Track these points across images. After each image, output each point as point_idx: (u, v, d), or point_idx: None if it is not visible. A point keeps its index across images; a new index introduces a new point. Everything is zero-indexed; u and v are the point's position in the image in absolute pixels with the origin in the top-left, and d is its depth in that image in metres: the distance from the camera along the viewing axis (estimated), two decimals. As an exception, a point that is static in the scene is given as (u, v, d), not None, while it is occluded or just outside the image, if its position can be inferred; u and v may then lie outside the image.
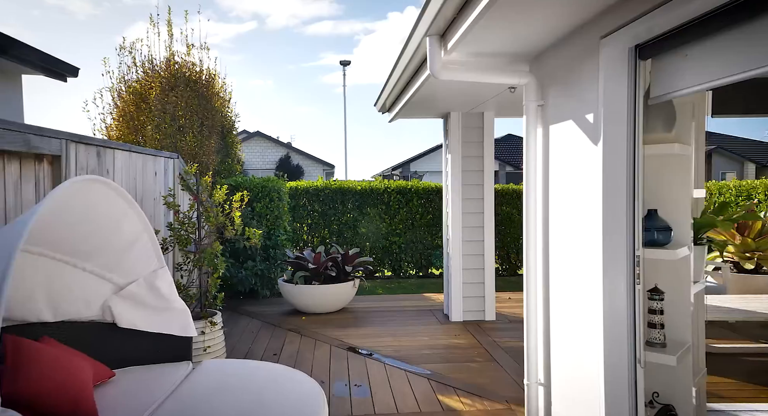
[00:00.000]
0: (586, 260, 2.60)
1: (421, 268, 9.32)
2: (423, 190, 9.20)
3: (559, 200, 2.89)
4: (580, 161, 2.63)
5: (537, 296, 3.15)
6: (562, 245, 2.88)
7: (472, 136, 5.62)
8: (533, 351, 3.18)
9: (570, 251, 2.78)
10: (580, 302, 2.69)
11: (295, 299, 5.93)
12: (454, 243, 5.64)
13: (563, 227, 2.85)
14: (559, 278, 2.92)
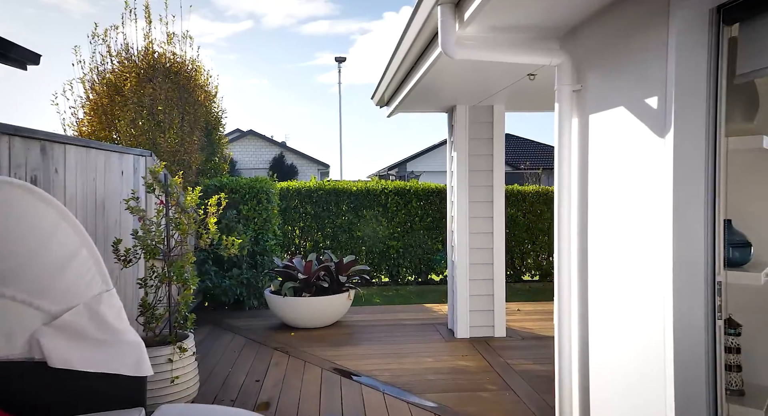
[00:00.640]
0: (645, 282, 2.04)
1: (421, 274, 8.76)
2: (422, 191, 8.64)
3: (603, 205, 2.33)
4: (637, 158, 2.07)
5: (571, 317, 2.60)
6: (606, 259, 2.32)
7: (481, 132, 5.06)
8: (566, 384, 2.62)
9: (618, 269, 2.22)
10: (634, 332, 2.13)
11: (283, 312, 5.35)
12: (459, 251, 5.07)
13: (608, 239, 2.29)
14: (603, 299, 2.35)
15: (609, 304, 2.30)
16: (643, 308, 2.05)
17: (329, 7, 72.06)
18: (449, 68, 3.50)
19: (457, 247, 5.10)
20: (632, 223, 2.11)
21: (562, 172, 2.57)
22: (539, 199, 8.77)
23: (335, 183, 8.65)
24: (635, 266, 2.10)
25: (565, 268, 2.61)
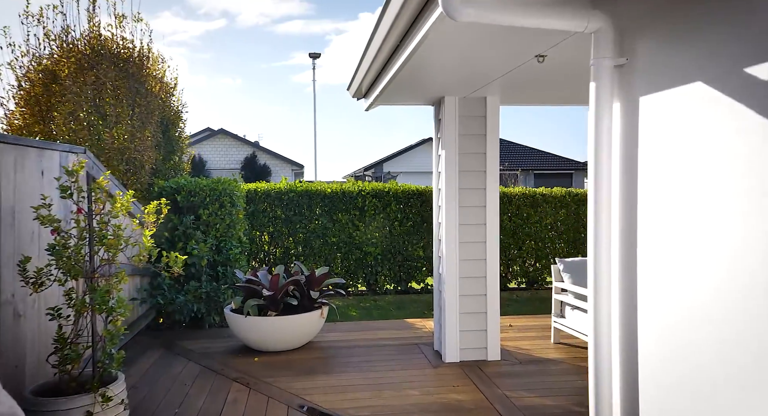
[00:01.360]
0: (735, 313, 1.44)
1: (400, 282, 8.13)
2: (402, 193, 8.01)
3: (664, 210, 1.72)
4: (726, 155, 1.46)
5: (611, 345, 2.00)
6: (669, 275, 1.71)
7: (472, 127, 4.45)
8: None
9: (690, 292, 1.62)
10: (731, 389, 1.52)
11: (245, 334, 4.64)
12: (448, 263, 4.45)
13: (672, 251, 1.69)
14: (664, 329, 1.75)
15: (681, 347, 1.70)
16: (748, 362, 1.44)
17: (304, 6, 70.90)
18: (441, 46, 2.87)
19: (445, 258, 4.48)
20: (719, 236, 1.50)
21: (600, 171, 1.96)
22: (526, 202, 8.24)
23: (308, 185, 7.96)
24: (721, 286, 1.50)
25: (604, 285, 2.02)
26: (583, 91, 4.01)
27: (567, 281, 4.73)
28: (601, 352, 2.05)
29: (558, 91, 4.10)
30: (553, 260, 8.30)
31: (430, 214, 8.01)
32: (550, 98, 4.43)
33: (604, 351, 2.05)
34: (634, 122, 1.85)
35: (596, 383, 2.05)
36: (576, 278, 4.68)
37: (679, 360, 1.68)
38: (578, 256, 8.36)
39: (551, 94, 4.26)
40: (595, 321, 2.07)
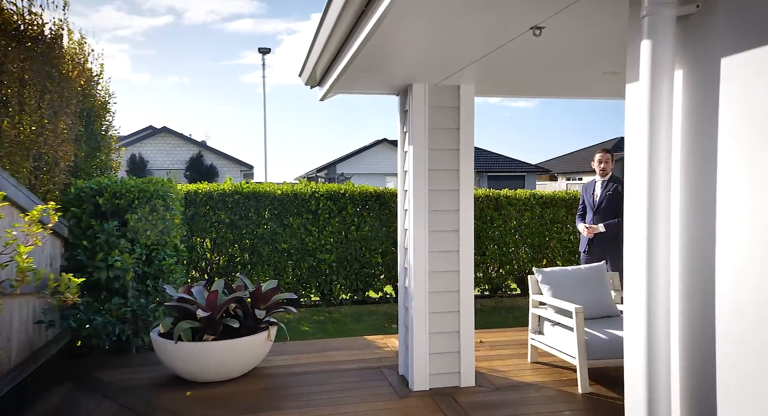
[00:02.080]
0: None
1: (357, 291, 7.50)
2: (359, 195, 7.40)
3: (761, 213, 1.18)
4: None
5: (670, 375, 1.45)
6: None
7: (444, 120, 3.89)
8: None
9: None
10: None
11: (176, 363, 3.90)
12: (416, 275, 3.87)
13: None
14: None
15: None
16: None
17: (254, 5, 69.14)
18: (410, 13, 2.28)
19: (412, 270, 3.89)
20: None
21: (657, 156, 1.42)
22: (489, 204, 7.79)
23: (255, 186, 7.21)
24: None
25: (662, 297, 1.48)
26: (582, 77, 3.51)
27: (546, 294, 4.24)
28: (657, 384, 1.51)
29: (549, 78, 3.59)
30: (516, 266, 7.90)
31: (388, 218, 7.43)
32: (535, 88, 3.93)
33: (659, 382, 1.50)
34: (710, 94, 1.31)
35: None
36: (556, 291, 4.20)
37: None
38: (543, 261, 7.99)
39: (539, 83, 3.75)
40: (649, 341, 1.53)
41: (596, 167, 5.31)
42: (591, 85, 3.79)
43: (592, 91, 4.00)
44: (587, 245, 5.20)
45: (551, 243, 7.95)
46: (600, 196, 5.19)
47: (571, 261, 8.01)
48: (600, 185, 5.26)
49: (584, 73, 3.49)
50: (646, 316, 1.57)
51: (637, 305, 1.62)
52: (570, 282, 4.24)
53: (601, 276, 4.33)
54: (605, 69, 3.39)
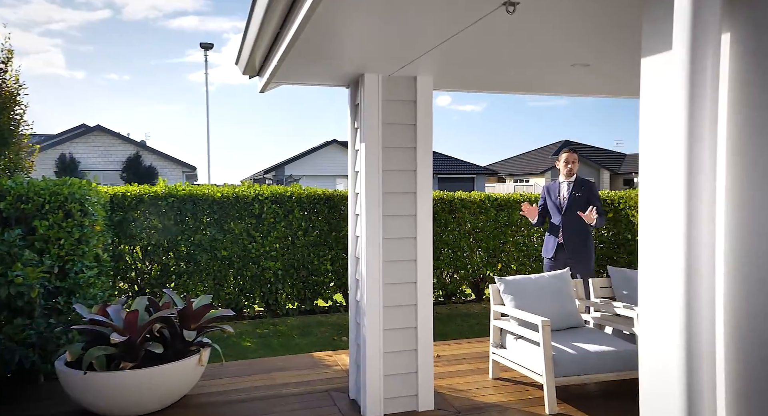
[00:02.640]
0: None
1: (304, 300, 7.01)
2: (307, 198, 6.92)
3: None
4: None
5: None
6: None
7: (400, 114, 3.50)
8: None
9: None
10: None
11: (86, 396, 3.31)
12: (369, 288, 3.46)
13: None
14: None
15: None
16: None
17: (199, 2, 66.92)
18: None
19: (365, 281, 3.48)
20: None
21: (698, 141, 1.07)
22: (443, 207, 7.48)
23: (193, 188, 6.60)
24: None
25: (705, 304, 1.13)
26: (549, 69, 3.19)
27: (509, 305, 3.93)
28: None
29: (514, 70, 3.26)
30: (471, 271, 7.63)
31: (338, 222, 6.99)
32: (498, 82, 3.58)
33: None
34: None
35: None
36: (520, 301, 3.90)
37: None
38: (498, 265, 7.76)
39: (503, 76, 3.41)
40: (688, 353, 1.17)
41: (562, 168, 5.05)
42: (557, 79, 3.50)
43: (559, 86, 3.72)
44: (555, 250, 4.92)
45: (506, 247, 7.74)
46: (568, 198, 4.93)
47: (526, 265, 7.83)
48: (566, 187, 5.00)
49: (552, 65, 3.19)
50: (685, 324, 1.22)
51: (669, 313, 1.28)
52: (533, 291, 3.95)
53: (565, 285, 4.06)
54: (575, 60, 3.10)
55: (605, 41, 2.72)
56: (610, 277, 4.26)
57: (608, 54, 2.96)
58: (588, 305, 4.24)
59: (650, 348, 1.51)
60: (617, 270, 4.24)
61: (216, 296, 6.53)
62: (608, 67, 3.21)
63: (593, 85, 3.72)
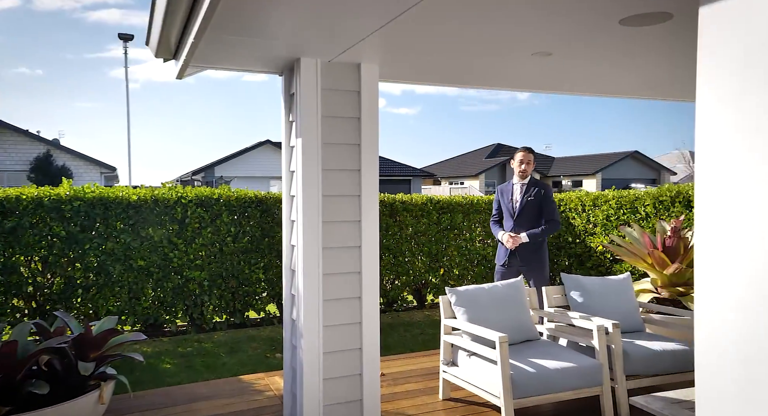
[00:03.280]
0: None
1: (234, 313, 6.41)
2: (237, 201, 6.32)
3: None
4: None
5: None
6: None
7: (342, 107, 3.07)
8: None
9: None
10: None
11: (-51, 452, 2.63)
12: (307, 304, 3.00)
13: None
14: None
15: None
16: None
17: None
18: None
19: (302, 297, 3.01)
20: None
21: None
22: (384, 210, 7.11)
23: (103, 190, 5.83)
24: None
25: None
26: (507, 57, 2.86)
27: (461, 318, 3.59)
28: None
29: (468, 58, 2.91)
30: (413, 277, 7.30)
31: (272, 227, 6.45)
32: (451, 72, 3.22)
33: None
34: None
35: None
36: (473, 314, 3.57)
37: None
38: (440, 270, 7.49)
39: (456, 64, 3.05)
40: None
41: (516, 168, 4.73)
42: (516, 70, 3.20)
43: (516, 79, 3.42)
44: (507, 257, 4.65)
45: (448, 251, 7.48)
46: (521, 201, 4.64)
47: (469, 269, 7.61)
48: (519, 189, 4.72)
49: (510, 54, 2.88)
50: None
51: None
52: (487, 303, 3.64)
53: (520, 294, 3.78)
54: (535, 49, 2.80)
55: (570, 26, 2.42)
56: (564, 284, 4.04)
57: (572, 42, 2.67)
58: (542, 316, 3.98)
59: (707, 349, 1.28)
60: (571, 277, 4.02)
61: (131, 311, 5.81)
62: (573, 57, 2.93)
63: (556, 79, 3.44)
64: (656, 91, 3.93)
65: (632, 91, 3.93)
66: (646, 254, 4.73)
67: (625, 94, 4.05)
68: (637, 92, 3.96)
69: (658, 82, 3.58)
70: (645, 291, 4.77)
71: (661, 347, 3.48)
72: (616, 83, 3.62)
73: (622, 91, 3.93)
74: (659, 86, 3.71)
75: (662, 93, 3.98)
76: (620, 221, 6.81)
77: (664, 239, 4.69)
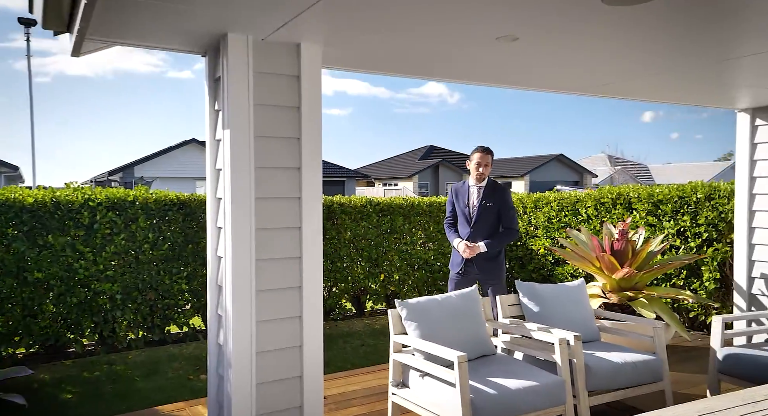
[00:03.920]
0: None
1: (152, 329, 5.72)
2: (155, 204, 5.65)
3: None
4: None
5: None
6: None
7: (279, 94, 2.62)
8: None
9: None
10: None
11: None
12: (237, 327, 2.52)
13: None
14: None
15: None
16: None
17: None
18: None
19: (230, 318, 2.53)
20: None
21: None
22: (322, 213, 6.64)
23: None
24: None
25: None
26: (467, 42, 2.50)
27: (413, 334, 3.23)
28: None
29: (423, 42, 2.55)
30: (351, 284, 6.89)
31: (197, 232, 5.82)
32: (404, 58, 2.84)
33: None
34: None
35: None
36: (426, 329, 3.21)
37: None
38: (381, 276, 7.13)
39: (410, 49, 2.68)
40: None
41: (472, 170, 4.37)
42: (477, 58, 2.88)
43: (478, 69, 3.10)
44: (463, 265, 4.30)
45: (389, 255, 7.13)
46: (478, 207, 4.32)
47: (410, 274, 7.30)
48: (477, 193, 4.38)
49: (471, 37, 2.55)
50: None
51: None
52: (441, 316, 3.30)
53: (476, 306, 3.47)
54: (500, 32, 2.48)
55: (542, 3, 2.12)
56: (518, 292, 3.78)
57: (543, 24, 2.37)
58: (496, 328, 3.70)
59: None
60: (525, 285, 3.77)
61: (27, 331, 5.00)
62: (543, 43, 2.64)
63: (523, 71, 3.14)
64: (635, 86, 3.69)
65: (609, 90, 3.71)
66: (594, 258, 4.60)
67: (600, 92, 3.85)
68: (617, 92, 3.76)
69: (639, 74, 3.32)
70: (593, 296, 4.63)
71: (621, 359, 3.29)
72: (590, 76, 3.35)
73: (597, 89, 3.70)
74: (639, 78, 3.44)
75: (645, 91, 3.78)
76: (562, 224, 6.75)
77: (612, 243, 4.58)
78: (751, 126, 4.44)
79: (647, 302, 4.26)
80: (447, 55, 2.82)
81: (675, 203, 5.38)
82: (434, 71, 3.15)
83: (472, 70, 3.10)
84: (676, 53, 2.88)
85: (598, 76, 3.36)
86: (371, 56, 2.87)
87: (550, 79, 3.42)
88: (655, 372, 3.32)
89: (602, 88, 3.79)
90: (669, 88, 3.78)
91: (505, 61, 2.91)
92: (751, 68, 3.19)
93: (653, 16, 2.29)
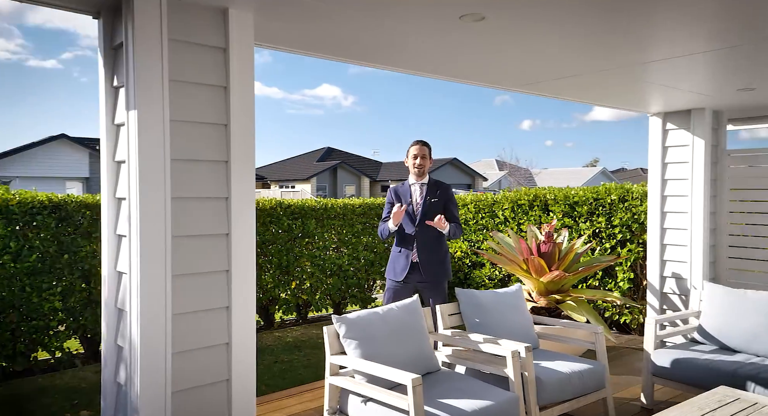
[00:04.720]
0: None
1: (15, 357, 4.72)
2: (19, 207, 4.68)
3: None
4: None
5: None
6: None
7: (201, 69, 2.10)
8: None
9: None
10: None
11: None
12: (145, 363, 1.97)
13: None
14: None
15: None
16: None
17: None
18: None
19: (138, 350, 1.97)
20: None
21: None
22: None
23: None
24: None
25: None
26: (430, 21, 2.17)
27: (353, 354, 2.83)
28: None
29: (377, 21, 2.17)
30: (261, 293, 6.30)
31: (74, 240, 4.92)
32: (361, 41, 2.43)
33: None
34: None
35: None
36: (368, 348, 2.83)
37: None
38: (292, 283, 6.60)
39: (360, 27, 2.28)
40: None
41: (410, 165, 4.02)
42: (438, 42, 2.55)
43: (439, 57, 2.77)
44: (407, 271, 3.90)
45: (300, 262, 6.63)
46: (422, 204, 3.97)
47: (322, 281, 6.85)
48: (420, 190, 4.03)
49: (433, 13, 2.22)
50: None
51: None
52: (384, 332, 2.94)
53: (419, 319, 3.16)
54: (465, 8, 2.18)
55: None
56: (458, 300, 3.54)
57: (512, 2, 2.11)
58: (436, 340, 3.42)
59: None
60: (465, 292, 3.54)
61: None
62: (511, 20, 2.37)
63: (488, 60, 2.85)
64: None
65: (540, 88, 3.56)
66: (522, 261, 4.52)
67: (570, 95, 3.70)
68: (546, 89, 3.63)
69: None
70: (521, 300, 4.54)
71: (568, 368, 3.15)
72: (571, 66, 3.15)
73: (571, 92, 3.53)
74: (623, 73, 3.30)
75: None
76: (479, 226, 6.70)
77: (539, 245, 4.52)
78: (662, 130, 4.62)
79: (575, 304, 4.24)
80: (403, 38, 2.47)
81: (590, 204, 5.53)
82: (388, 58, 2.78)
83: (433, 57, 2.77)
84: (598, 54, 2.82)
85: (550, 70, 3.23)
86: (313, 34, 2.43)
87: (525, 74, 3.21)
88: (599, 380, 3.23)
89: (537, 86, 3.69)
90: (594, 88, 3.80)
91: (469, 45, 2.61)
92: (661, 73, 3.22)
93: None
